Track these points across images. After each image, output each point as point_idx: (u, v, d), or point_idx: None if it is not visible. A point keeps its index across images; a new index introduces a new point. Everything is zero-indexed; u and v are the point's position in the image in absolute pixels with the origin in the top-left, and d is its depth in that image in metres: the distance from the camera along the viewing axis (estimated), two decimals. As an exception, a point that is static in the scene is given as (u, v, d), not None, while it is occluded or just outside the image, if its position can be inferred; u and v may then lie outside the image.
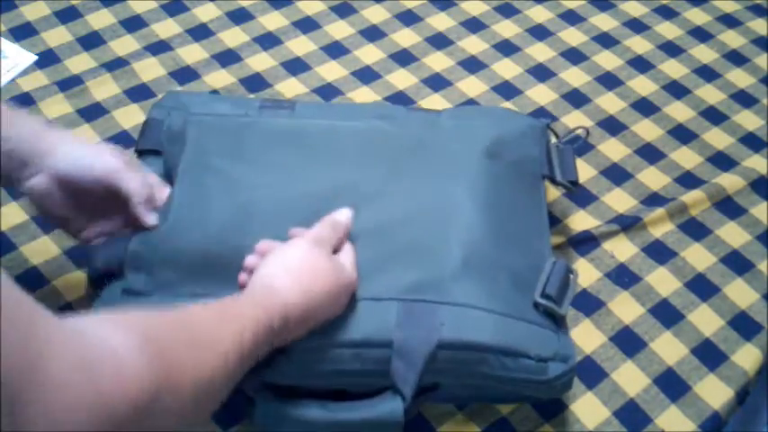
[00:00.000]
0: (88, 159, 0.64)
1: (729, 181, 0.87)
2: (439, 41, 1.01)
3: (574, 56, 1.01)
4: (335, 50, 0.99)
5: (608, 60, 1.00)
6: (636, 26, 1.05)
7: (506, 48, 1.01)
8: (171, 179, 0.71)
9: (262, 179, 0.70)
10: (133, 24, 1.00)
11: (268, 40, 0.99)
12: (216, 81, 0.94)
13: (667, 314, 0.76)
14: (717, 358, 0.74)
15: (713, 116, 0.95)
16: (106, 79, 0.93)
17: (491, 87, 0.96)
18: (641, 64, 1.00)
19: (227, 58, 0.97)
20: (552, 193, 0.84)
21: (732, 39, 1.04)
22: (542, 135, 0.78)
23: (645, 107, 0.95)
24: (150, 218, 0.66)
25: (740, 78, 1.00)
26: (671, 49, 1.03)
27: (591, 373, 0.72)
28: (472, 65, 0.98)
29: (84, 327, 0.39)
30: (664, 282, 0.79)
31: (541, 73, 0.98)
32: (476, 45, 1.01)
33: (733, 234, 0.83)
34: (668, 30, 1.05)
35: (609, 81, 0.98)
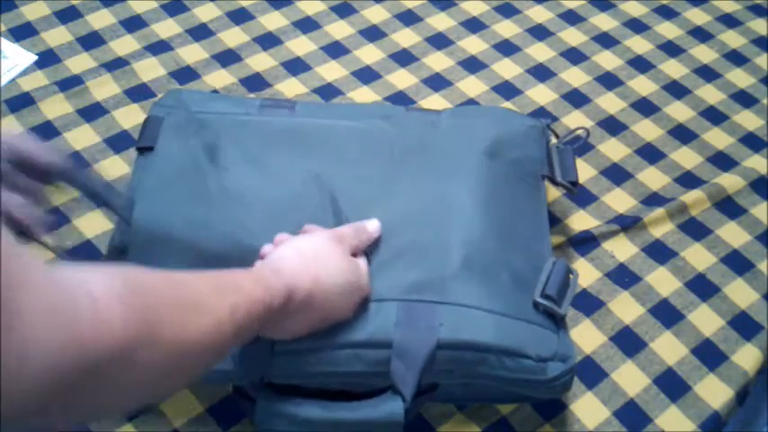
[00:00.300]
0: None
1: (729, 181, 0.87)
2: (439, 41, 1.01)
3: (574, 56, 1.01)
4: (335, 50, 0.99)
5: (608, 60, 1.00)
6: (636, 26, 1.05)
7: (506, 48, 1.01)
8: (164, 174, 0.71)
9: (261, 177, 0.70)
10: (133, 24, 1.00)
11: (268, 40, 0.99)
12: (216, 81, 0.94)
13: (667, 314, 0.76)
14: (717, 358, 0.74)
15: (713, 116, 0.95)
16: (106, 79, 0.93)
17: (491, 87, 0.96)
18: (641, 64, 1.00)
19: (227, 58, 0.97)
20: (552, 193, 0.84)
21: (732, 39, 1.04)
22: (542, 135, 0.78)
23: (645, 107, 0.95)
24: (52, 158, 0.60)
25: (740, 78, 1.00)
26: (671, 49, 1.03)
27: (591, 373, 0.72)
28: (472, 65, 0.98)
29: (64, 271, 0.39)
30: (664, 282, 0.79)
31: (541, 73, 0.98)
32: (476, 45, 1.01)
33: (733, 234, 0.83)
34: (668, 30, 1.05)
35: (609, 81, 0.98)
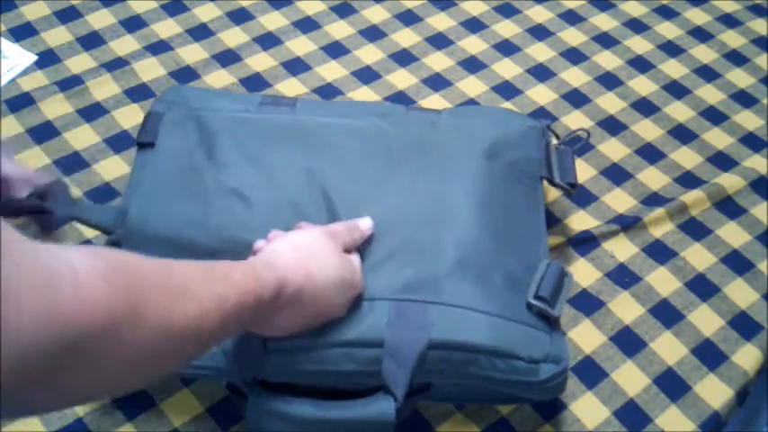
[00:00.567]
0: None
1: (729, 181, 0.87)
2: (439, 41, 1.01)
3: (574, 56, 1.01)
4: (335, 50, 0.99)
5: (608, 60, 1.00)
6: (636, 26, 1.05)
7: (506, 48, 1.01)
8: (162, 171, 0.71)
9: (259, 175, 0.70)
10: (133, 24, 1.00)
11: (268, 40, 0.99)
12: (216, 81, 0.94)
13: (667, 314, 0.76)
14: (717, 358, 0.74)
15: (713, 116, 0.95)
16: (106, 79, 0.93)
17: (491, 87, 0.96)
18: (641, 64, 1.00)
19: (227, 58, 0.97)
20: (552, 193, 0.84)
21: (732, 39, 1.04)
22: (542, 136, 0.78)
23: (645, 107, 0.95)
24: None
25: (740, 78, 1.00)
26: (671, 49, 1.03)
27: (591, 373, 0.72)
28: (472, 65, 0.98)
29: (47, 248, 0.38)
30: (664, 282, 0.79)
31: (541, 73, 0.98)
32: (476, 45, 1.01)
33: (733, 234, 0.83)
34: (668, 30, 1.05)
35: (609, 81, 0.98)
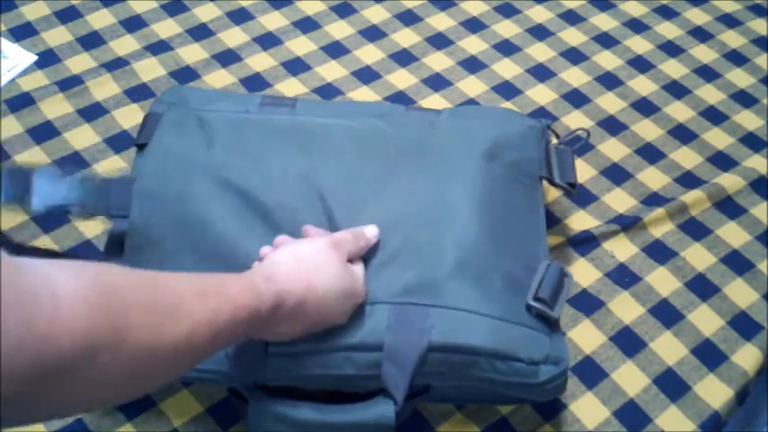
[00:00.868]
0: None
1: (729, 181, 0.87)
2: (439, 41, 1.01)
3: (574, 56, 1.01)
4: (335, 50, 0.99)
5: (608, 60, 1.00)
6: (636, 26, 1.05)
7: (506, 48, 1.01)
8: (161, 172, 0.71)
9: (259, 176, 0.70)
10: (133, 24, 1.00)
11: (268, 40, 0.99)
12: (216, 81, 0.94)
13: (667, 314, 0.76)
14: (717, 358, 0.74)
15: (713, 116, 0.95)
16: (106, 79, 0.93)
17: (491, 87, 0.96)
18: (641, 64, 1.00)
19: (227, 58, 0.97)
20: (552, 193, 0.84)
21: (732, 39, 1.04)
22: (542, 136, 0.78)
23: (645, 107, 0.95)
24: None
25: (740, 78, 0.99)
26: (671, 49, 1.03)
27: (591, 373, 0.72)
28: (472, 65, 0.98)
29: (30, 266, 0.37)
30: (664, 282, 0.79)
31: (541, 73, 0.98)
32: (476, 45, 1.01)
33: (733, 234, 0.83)
34: (668, 30, 1.05)
35: (609, 81, 0.98)
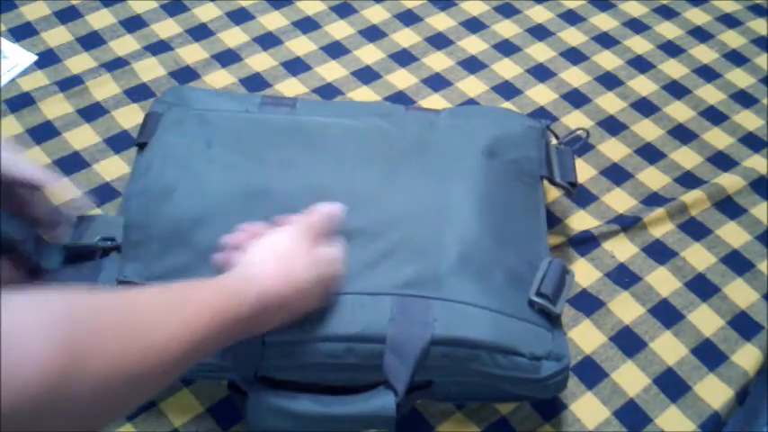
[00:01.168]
0: None
1: (729, 181, 0.87)
2: (439, 41, 1.01)
3: (574, 56, 1.01)
4: (335, 50, 0.99)
5: (608, 60, 1.00)
6: (636, 26, 1.05)
7: (506, 48, 1.01)
8: (161, 171, 0.71)
9: (260, 174, 0.70)
10: (133, 24, 1.00)
11: (268, 40, 0.99)
12: (216, 81, 0.94)
13: (667, 314, 0.76)
14: (717, 358, 0.74)
15: (713, 116, 0.95)
16: (106, 79, 0.93)
17: (491, 87, 0.96)
18: (641, 64, 1.00)
19: (227, 58, 0.97)
20: (552, 193, 0.84)
21: (732, 39, 1.04)
22: (542, 136, 0.78)
23: (645, 107, 0.95)
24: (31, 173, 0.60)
25: (740, 78, 1.00)
26: (671, 49, 1.03)
27: (591, 373, 0.72)
28: (472, 65, 0.98)
29: None
30: (664, 282, 0.79)
31: (541, 73, 0.98)
32: (476, 45, 1.01)
33: (733, 234, 0.83)
34: (668, 30, 1.05)
35: (609, 81, 0.98)
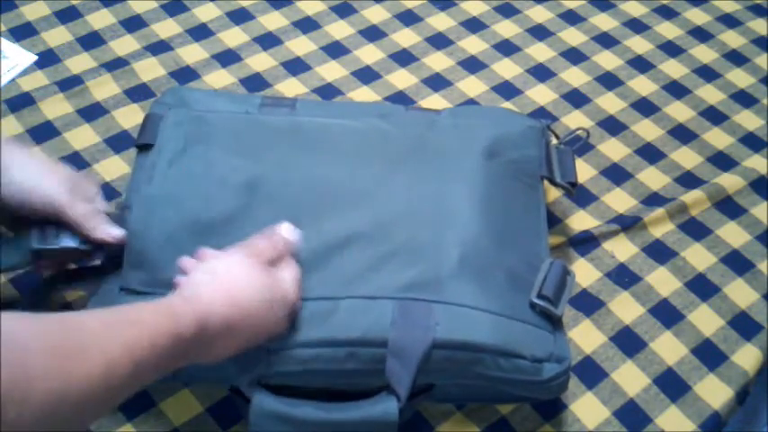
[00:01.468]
0: (27, 186, 0.63)
1: (729, 181, 0.87)
2: (439, 41, 1.01)
3: (574, 56, 1.01)
4: (335, 50, 0.99)
5: (608, 60, 1.00)
6: (636, 26, 1.05)
7: (506, 48, 1.01)
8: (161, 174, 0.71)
9: (260, 176, 0.70)
10: (133, 24, 1.00)
11: (268, 40, 0.99)
12: (216, 81, 0.94)
13: (667, 314, 0.76)
14: (717, 358, 0.74)
15: (713, 116, 0.95)
16: (106, 79, 0.93)
17: (491, 87, 0.96)
18: (641, 64, 1.00)
19: (227, 58, 0.97)
20: (552, 193, 0.84)
21: (732, 39, 1.04)
22: (542, 136, 0.78)
23: (645, 107, 0.95)
24: (109, 234, 0.65)
25: (740, 78, 1.00)
26: (671, 49, 1.03)
27: (591, 373, 0.72)
28: (472, 65, 0.98)
29: None
30: (664, 282, 0.79)
31: (541, 73, 0.98)
32: (476, 45, 1.01)
33: (733, 234, 0.83)
34: (668, 30, 1.05)
35: (609, 81, 0.98)
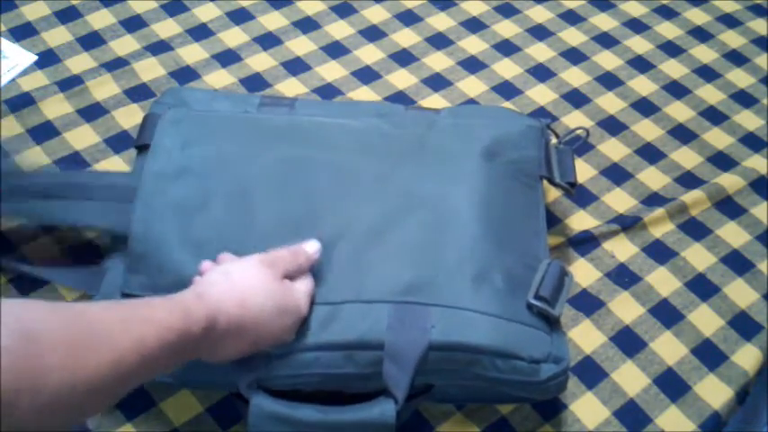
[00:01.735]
0: None
1: (729, 181, 0.87)
2: (439, 41, 1.01)
3: (574, 56, 1.01)
4: (335, 50, 0.99)
5: (608, 60, 1.00)
6: (636, 26, 1.05)
7: (506, 48, 1.01)
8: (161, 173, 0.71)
9: (260, 175, 0.70)
10: (133, 24, 1.00)
11: (268, 40, 0.99)
12: (216, 81, 0.94)
13: (667, 314, 0.76)
14: (717, 358, 0.74)
15: (713, 116, 0.95)
16: (106, 79, 0.93)
17: (491, 87, 0.96)
18: (641, 64, 1.00)
19: (227, 58, 0.97)
20: (552, 193, 0.84)
21: (732, 39, 1.04)
22: (541, 136, 0.78)
23: (645, 107, 0.95)
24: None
25: (740, 78, 0.99)
26: (671, 49, 1.03)
27: (591, 373, 0.72)
28: (472, 65, 0.98)
29: None
30: (664, 282, 0.79)
31: (541, 73, 0.98)
32: (476, 45, 1.01)
33: (733, 234, 0.83)
34: (668, 30, 1.05)
35: (609, 81, 0.98)
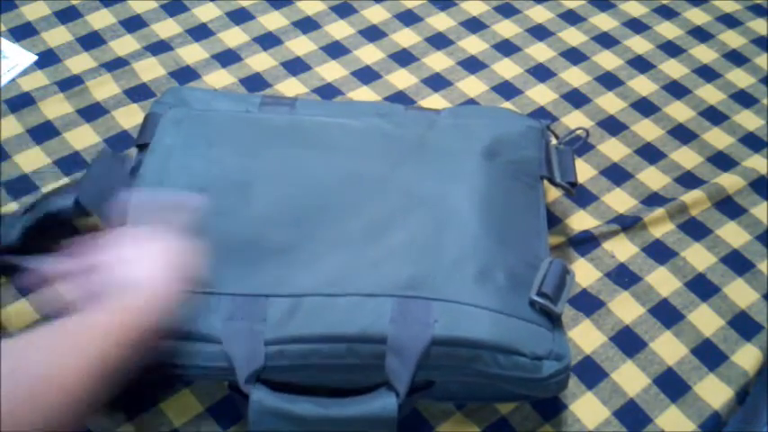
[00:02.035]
0: None
1: (729, 181, 0.87)
2: (439, 41, 1.01)
3: (574, 56, 1.01)
4: (335, 50, 0.99)
5: (608, 60, 1.00)
6: (636, 26, 1.05)
7: (506, 48, 1.01)
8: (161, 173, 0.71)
9: (260, 174, 0.70)
10: (133, 24, 1.00)
11: (268, 40, 0.99)
12: (216, 81, 0.94)
13: (667, 314, 0.76)
14: (717, 358, 0.74)
15: (713, 116, 0.95)
16: (106, 79, 0.93)
17: (491, 87, 0.96)
18: (641, 64, 1.00)
19: (227, 58, 0.97)
20: (552, 193, 0.84)
21: (732, 39, 1.04)
22: (541, 136, 0.78)
23: (645, 107, 0.95)
24: None
25: (740, 78, 1.00)
26: (671, 49, 1.03)
27: (591, 373, 0.72)
28: (472, 65, 0.98)
29: None
30: (664, 282, 0.79)
31: (541, 73, 0.98)
32: (476, 45, 1.01)
33: (733, 234, 0.83)
34: (668, 30, 1.05)
35: (609, 81, 0.98)
